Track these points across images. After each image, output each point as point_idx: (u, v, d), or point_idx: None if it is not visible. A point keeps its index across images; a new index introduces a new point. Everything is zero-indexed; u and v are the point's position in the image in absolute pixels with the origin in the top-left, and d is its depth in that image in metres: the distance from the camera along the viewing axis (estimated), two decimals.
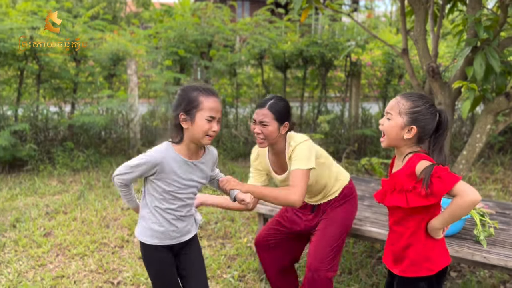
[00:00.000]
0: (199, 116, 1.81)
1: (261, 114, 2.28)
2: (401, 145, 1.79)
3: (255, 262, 3.28)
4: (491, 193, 4.97)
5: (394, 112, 1.77)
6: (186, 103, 1.82)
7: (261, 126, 2.28)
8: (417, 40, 3.70)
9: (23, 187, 5.01)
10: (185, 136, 1.87)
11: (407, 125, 1.74)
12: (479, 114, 6.09)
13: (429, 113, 1.75)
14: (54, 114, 6.43)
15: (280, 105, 2.30)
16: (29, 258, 3.35)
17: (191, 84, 1.87)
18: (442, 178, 1.65)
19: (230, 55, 6.88)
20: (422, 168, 1.69)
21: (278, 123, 2.28)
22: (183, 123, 1.83)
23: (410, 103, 1.75)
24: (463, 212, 1.68)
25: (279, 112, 2.28)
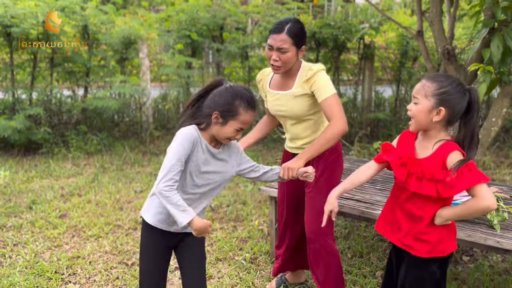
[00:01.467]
0: (231, 124, 1.81)
1: (279, 39, 2.14)
2: (430, 128, 1.76)
3: (267, 245, 3.31)
4: (506, 178, 4.91)
5: (421, 96, 1.72)
6: (226, 109, 1.80)
7: (279, 52, 2.16)
8: (433, 22, 3.63)
9: (38, 170, 5.09)
10: (210, 128, 1.85)
11: (435, 108, 1.70)
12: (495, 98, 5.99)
13: (457, 92, 1.69)
14: (67, 98, 6.49)
15: (297, 28, 2.16)
16: (45, 239, 3.43)
17: (239, 88, 1.83)
18: (472, 172, 1.63)
19: (242, 37, 6.82)
20: (454, 159, 1.66)
21: (296, 48, 2.17)
22: (214, 120, 1.81)
23: (435, 84, 1.70)
24: (476, 214, 1.69)
25: (298, 36, 2.15)
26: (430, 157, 1.74)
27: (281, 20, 2.19)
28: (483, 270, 2.96)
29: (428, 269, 1.81)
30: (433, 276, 1.82)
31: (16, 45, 5.78)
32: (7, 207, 3.98)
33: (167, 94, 7.27)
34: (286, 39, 2.14)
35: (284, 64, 2.19)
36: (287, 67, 2.22)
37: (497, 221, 2.32)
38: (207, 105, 1.84)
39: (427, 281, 1.82)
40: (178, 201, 1.71)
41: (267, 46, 2.23)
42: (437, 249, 1.79)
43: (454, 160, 1.67)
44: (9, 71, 5.98)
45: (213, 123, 1.83)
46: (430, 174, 1.71)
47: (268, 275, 2.94)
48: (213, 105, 1.82)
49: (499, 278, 2.88)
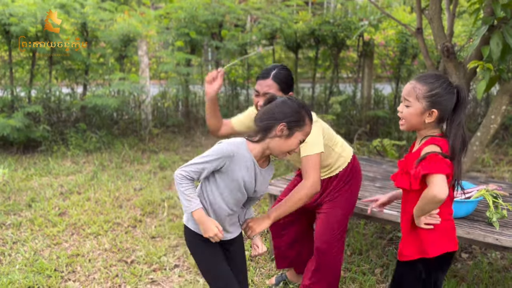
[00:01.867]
0: (296, 136, 1.78)
1: (265, 85, 2.17)
2: (422, 128, 1.76)
3: (266, 242, 3.31)
4: (505, 175, 4.92)
5: (412, 98, 1.72)
6: (294, 119, 1.76)
7: (264, 98, 2.13)
8: (432, 19, 3.62)
9: (37, 168, 5.09)
10: (268, 142, 1.78)
11: (427, 110, 1.71)
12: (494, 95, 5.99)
13: (447, 92, 1.71)
14: (66, 96, 6.48)
15: (284, 74, 2.19)
16: (45, 237, 3.43)
17: (299, 100, 1.83)
18: (431, 162, 1.62)
19: (241, 35, 6.81)
20: (425, 150, 1.68)
21: (282, 94, 2.18)
22: (278, 132, 1.75)
23: (426, 86, 1.71)
24: (428, 206, 1.66)
25: (283, 82, 2.18)
26: (414, 153, 1.76)
27: (268, 67, 2.25)
28: (482, 267, 2.97)
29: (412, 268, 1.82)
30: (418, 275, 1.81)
31: (15, 43, 5.77)
32: (6, 205, 3.98)
33: (166, 92, 7.26)
34: (272, 85, 2.17)
35: None
36: None
37: (496, 219, 2.32)
38: (266, 118, 1.78)
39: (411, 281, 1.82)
40: (186, 190, 1.74)
41: (254, 92, 2.26)
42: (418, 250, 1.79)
43: (426, 150, 1.68)
44: (8, 69, 5.97)
45: (275, 136, 1.76)
46: (407, 168, 1.74)
47: (268, 272, 2.95)
48: (278, 116, 1.76)
49: (498, 275, 2.89)
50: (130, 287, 2.77)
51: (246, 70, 7.24)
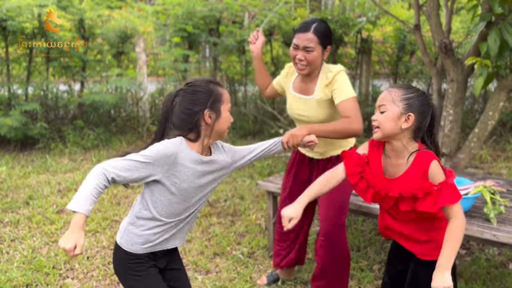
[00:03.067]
0: (224, 109, 1.70)
1: (305, 38, 2.11)
2: (398, 137, 1.67)
3: (264, 239, 3.32)
4: (503, 171, 4.93)
5: (388, 102, 1.65)
6: (213, 99, 1.67)
7: (304, 52, 2.13)
8: (430, 16, 3.62)
9: (35, 165, 5.08)
10: (204, 135, 1.68)
11: (403, 113, 1.63)
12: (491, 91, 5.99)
13: (422, 100, 1.66)
14: (63, 93, 6.46)
15: (324, 27, 2.15)
16: (43, 234, 3.42)
17: (200, 78, 1.72)
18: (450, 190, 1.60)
19: (239, 31, 6.80)
20: (435, 171, 1.61)
21: (322, 48, 2.14)
22: (208, 119, 1.66)
23: (403, 90, 1.66)
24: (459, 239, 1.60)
25: (324, 35, 2.13)
26: (408, 171, 1.66)
27: (307, 20, 2.19)
28: (479, 263, 2.98)
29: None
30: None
31: (12, 40, 5.74)
32: (4, 202, 3.97)
33: (164, 89, 7.24)
34: (313, 38, 2.12)
35: (309, 64, 2.16)
36: (313, 68, 2.19)
37: (494, 215, 2.33)
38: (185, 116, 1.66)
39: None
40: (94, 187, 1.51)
41: (292, 45, 2.20)
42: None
43: (436, 172, 1.62)
44: (5, 65, 5.94)
45: (207, 124, 1.67)
46: (409, 193, 1.65)
47: (266, 269, 2.95)
48: (197, 108, 1.65)
49: (496, 271, 2.90)
50: None
51: (244, 66, 7.22)
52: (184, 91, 1.69)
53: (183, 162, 1.64)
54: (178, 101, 1.69)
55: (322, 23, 2.18)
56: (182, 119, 1.67)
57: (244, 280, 2.81)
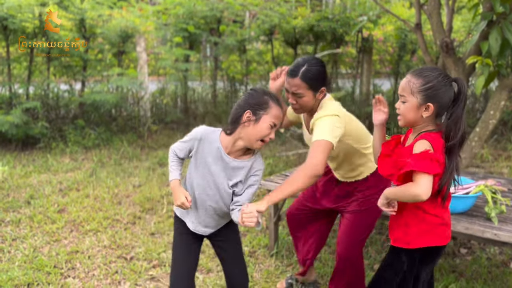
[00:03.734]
0: (264, 119, 1.84)
1: (293, 84, 2.05)
2: (420, 123, 1.73)
3: (265, 238, 3.32)
4: (504, 170, 4.93)
5: (407, 93, 1.69)
6: (256, 103, 1.85)
7: (294, 96, 2.08)
8: (431, 14, 3.62)
9: (36, 165, 5.08)
10: (239, 132, 1.87)
11: (422, 104, 1.67)
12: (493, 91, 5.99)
13: (443, 85, 1.65)
14: (64, 92, 6.46)
15: (313, 71, 2.04)
16: (44, 233, 3.43)
17: (261, 88, 1.94)
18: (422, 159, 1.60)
19: (240, 31, 6.80)
20: (418, 147, 1.65)
21: (313, 92, 2.07)
22: (245, 119, 1.84)
23: (421, 80, 1.67)
24: (407, 198, 1.66)
25: (313, 80, 2.04)
26: (407, 147, 1.74)
27: (298, 62, 2.08)
28: (480, 262, 2.97)
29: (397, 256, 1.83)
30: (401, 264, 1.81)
31: (13, 39, 5.74)
32: (5, 202, 3.98)
33: (165, 88, 7.25)
34: (300, 84, 2.04)
35: (301, 107, 2.12)
36: (307, 109, 2.15)
37: (495, 214, 2.33)
38: (236, 109, 1.89)
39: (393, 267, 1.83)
40: (171, 162, 1.98)
41: (284, 89, 2.16)
42: (403, 240, 1.79)
43: (418, 147, 1.66)
44: (6, 65, 5.95)
45: (245, 125, 1.85)
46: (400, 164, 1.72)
47: (267, 268, 2.95)
48: (243, 105, 1.87)
49: (497, 271, 2.90)
50: (129, 283, 2.77)
51: (245, 66, 7.22)
52: (247, 93, 1.93)
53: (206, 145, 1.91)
54: (244, 95, 1.94)
55: (313, 65, 2.06)
56: (232, 112, 1.91)
57: None
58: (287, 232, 3.42)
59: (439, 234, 1.78)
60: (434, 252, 1.81)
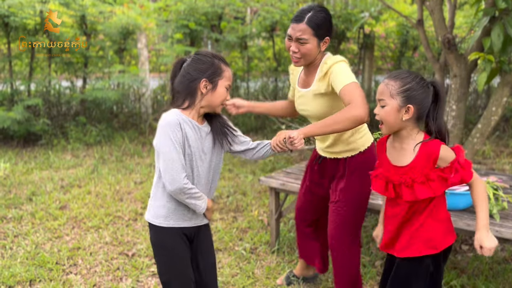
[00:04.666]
0: (221, 84, 1.80)
1: (298, 29, 1.96)
2: (402, 128, 1.71)
3: (267, 235, 3.32)
4: (505, 167, 4.92)
5: (386, 96, 1.67)
6: (212, 71, 1.78)
7: (297, 43, 1.99)
8: (433, 10, 3.60)
9: (38, 161, 5.09)
10: (199, 103, 1.79)
11: (402, 106, 1.66)
12: (495, 87, 5.97)
13: (421, 87, 1.66)
14: (66, 89, 6.46)
15: (320, 18, 1.97)
16: (46, 230, 3.43)
17: (207, 51, 1.84)
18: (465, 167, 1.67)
19: (241, 27, 6.78)
20: (446, 155, 1.67)
21: (317, 39, 1.98)
22: (203, 89, 1.77)
23: (398, 82, 1.66)
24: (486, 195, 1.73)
25: (319, 26, 1.96)
26: (415, 161, 1.70)
27: (303, 8, 2.00)
28: (482, 259, 2.97)
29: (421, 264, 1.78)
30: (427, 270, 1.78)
31: (14, 36, 5.74)
32: (7, 198, 3.99)
33: (166, 85, 7.23)
34: (306, 29, 1.96)
35: (303, 56, 2.02)
36: (308, 60, 2.05)
37: (497, 211, 2.33)
38: (185, 81, 1.78)
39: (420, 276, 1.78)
40: (197, 192, 1.77)
41: (286, 35, 2.07)
42: (428, 245, 1.76)
43: (446, 156, 1.67)
44: (7, 62, 5.95)
45: (203, 94, 1.77)
46: (422, 177, 1.68)
47: (268, 264, 2.96)
48: (196, 75, 1.76)
49: (498, 267, 2.89)
50: (131, 280, 2.78)
51: (246, 62, 7.21)
52: (191, 59, 1.81)
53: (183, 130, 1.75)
54: (184, 66, 1.81)
55: (319, 12, 1.99)
56: (182, 83, 1.79)
57: (247, 276, 2.82)
58: (288, 229, 3.43)
59: (452, 229, 1.83)
60: (450, 248, 1.84)
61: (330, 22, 2.04)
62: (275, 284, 2.74)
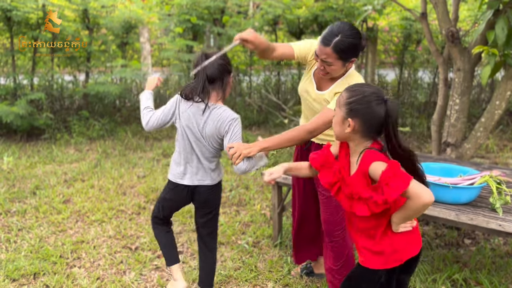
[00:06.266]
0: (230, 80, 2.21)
1: (324, 52, 2.02)
2: (349, 139, 1.65)
3: (269, 229, 3.33)
4: (509, 161, 4.91)
5: (337, 106, 1.64)
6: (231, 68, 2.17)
7: (324, 63, 2.06)
8: (437, 4, 3.58)
9: (41, 156, 5.11)
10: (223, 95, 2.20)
11: (345, 118, 1.60)
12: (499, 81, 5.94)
13: (367, 101, 1.56)
14: (69, 83, 6.47)
15: (346, 43, 1.99)
16: (50, 224, 3.45)
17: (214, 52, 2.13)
18: (390, 185, 1.49)
19: (244, 21, 6.76)
20: (375, 171, 1.53)
21: (342, 62, 2.05)
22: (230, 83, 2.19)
23: (348, 93, 1.60)
24: (416, 214, 1.55)
25: (345, 52, 2.00)
26: (355, 174, 1.62)
27: (332, 29, 2.01)
28: (484, 253, 2.97)
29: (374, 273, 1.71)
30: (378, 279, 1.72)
31: (16, 30, 5.74)
32: (11, 192, 4.01)
33: (169, 79, 7.24)
34: (331, 54, 2.01)
35: (329, 73, 2.11)
36: (334, 75, 2.14)
37: (500, 205, 2.32)
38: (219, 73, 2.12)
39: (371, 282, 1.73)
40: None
41: (314, 54, 2.14)
42: (390, 259, 1.67)
43: (376, 171, 1.53)
44: (10, 56, 5.95)
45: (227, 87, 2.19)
46: (357, 194, 1.60)
47: (271, 258, 2.97)
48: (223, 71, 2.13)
49: (501, 261, 2.90)
50: (134, 273, 2.79)
51: (249, 56, 7.19)
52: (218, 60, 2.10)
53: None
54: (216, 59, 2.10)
55: (348, 37, 2.00)
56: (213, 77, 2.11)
57: (249, 269, 2.83)
58: (291, 223, 3.43)
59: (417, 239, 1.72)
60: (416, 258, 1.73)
61: (357, 45, 2.05)
62: (278, 277, 2.75)
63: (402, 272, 1.74)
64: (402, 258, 1.68)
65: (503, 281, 2.65)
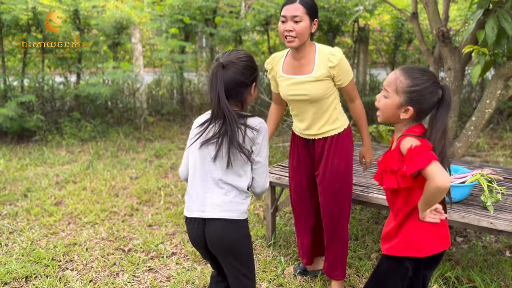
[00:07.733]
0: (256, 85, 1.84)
1: (292, 8, 2.18)
2: (397, 122, 1.68)
3: (263, 229, 3.33)
4: (499, 159, 4.95)
5: (391, 89, 1.63)
6: (256, 75, 1.81)
7: (293, 22, 2.17)
8: (427, 3, 3.60)
9: (32, 157, 5.07)
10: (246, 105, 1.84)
11: (403, 105, 1.61)
12: (489, 80, 5.99)
13: (430, 92, 1.59)
14: (59, 85, 6.42)
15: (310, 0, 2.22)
16: (41, 226, 3.42)
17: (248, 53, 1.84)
18: (412, 160, 1.51)
19: (236, 21, 6.75)
20: (404, 145, 1.57)
21: (309, 19, 2.19)
22: (253, 92, 1.81)
23: (409, 81, 1.60)
24: (433, 198, 1.53)
25: (310, 5, 2.19)
26: (392, 150, 1.67)
27: None
28: (476, 250, 3.00)
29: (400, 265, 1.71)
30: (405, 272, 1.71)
31: (6, 31, 5.69)
32: (2, 195, 3.97)
33: (161, 80, 7.21)
34: (299, 8, 2.17)
35: (298, 35, 2.18)
36: (302, 40, 2.20)
37: (491, 203, 2.34)
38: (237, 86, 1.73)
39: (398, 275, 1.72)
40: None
41: (280, 19, 2.24)
42: (410, 247, 1.67)
43: (405, 145, 1.57)
44: (0, 57, 5.90)
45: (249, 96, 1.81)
46: (389, 166, 1.64)
47: (264, 258, 2.96)
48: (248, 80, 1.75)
49: (493, 259, 2.92)
50: (127, 275, 2.78)
51: None
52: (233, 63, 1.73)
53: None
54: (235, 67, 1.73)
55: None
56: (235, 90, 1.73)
57: None
58: (284, 223, 3.44)
59: (445, 235, 1.72)
60: (439, 255, 1.74)
61: (317, 5, 2.28)
62: (272, 277, 2.75)
63: (426, 267, 1.75)
64: (422, 249, 1.67)
65: (495, 279, 2.67)
